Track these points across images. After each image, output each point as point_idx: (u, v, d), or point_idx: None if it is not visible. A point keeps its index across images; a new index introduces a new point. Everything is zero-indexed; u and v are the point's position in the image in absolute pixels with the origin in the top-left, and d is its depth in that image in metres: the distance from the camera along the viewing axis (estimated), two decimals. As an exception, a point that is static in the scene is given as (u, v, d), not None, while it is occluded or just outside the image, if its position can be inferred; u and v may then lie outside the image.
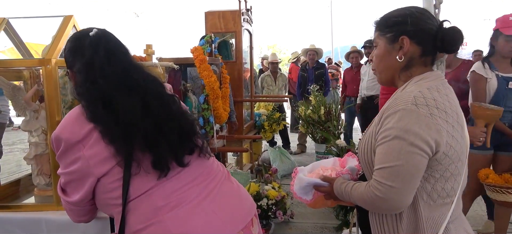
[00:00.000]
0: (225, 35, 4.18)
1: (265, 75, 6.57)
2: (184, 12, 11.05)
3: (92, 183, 1.12)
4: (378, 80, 1.29)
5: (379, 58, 1.23)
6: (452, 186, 1.15)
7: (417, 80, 1.16)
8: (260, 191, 3.25)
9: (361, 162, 1.24)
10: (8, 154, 6.85)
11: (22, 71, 1.86)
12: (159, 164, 1.11)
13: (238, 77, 4.22)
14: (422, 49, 1.17)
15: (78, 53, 1.19)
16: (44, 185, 1.72)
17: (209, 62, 3.06)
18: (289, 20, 31.62)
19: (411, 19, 1.17)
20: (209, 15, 4.17)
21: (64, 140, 1.13)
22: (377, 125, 1.15)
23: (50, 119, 1.54)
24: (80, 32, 1.28)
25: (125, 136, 1.09)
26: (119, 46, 1.24)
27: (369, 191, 1.11)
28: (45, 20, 2.08)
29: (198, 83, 3.23)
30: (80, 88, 1.16)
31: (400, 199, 1.07)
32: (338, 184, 1.25)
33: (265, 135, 5.15)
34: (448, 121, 1.10)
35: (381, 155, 1.10)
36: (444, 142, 1.08)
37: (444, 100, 1.12)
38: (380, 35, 1.23)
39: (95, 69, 1.14)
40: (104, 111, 1.12)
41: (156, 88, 1.20)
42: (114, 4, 10.24)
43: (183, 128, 1.17)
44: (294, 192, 1.36)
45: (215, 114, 3.05)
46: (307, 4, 11.40)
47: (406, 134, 1.05)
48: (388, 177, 1.07)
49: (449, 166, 1.12)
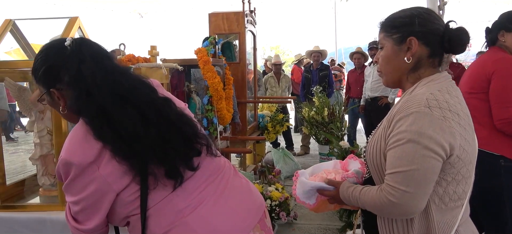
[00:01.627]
0: (229, 36, 4.19)
1: (268, 76, 6.57)
2: (188, 13, 11.07)
3: (110, 201, 1.06)
4: (384, 82, 1.26)
5: (386, 60, 1.20)
6: (463, 189, 1.13)
7: (426, 82, 1.14)
8: (264, 192, 3.25)
9: (369, 165, 1.21)
10: (13, 154, 6.90)
11: (28, 72, 1.88)
12: (173, 174, 1.08)
13: (241, 79, 4.23)
14: (430, 50, 1.14)
15: (60, 68, 1.08)
16: (49, 185, 1.73)
17: (212, 63, 3.07)
18: (292, 21, 31.63)
19: (419, 20, 1.14)
20: (212, 17, 4.18)
21: (75, 165, 1.03)
22: (387, 128, 1.12)
23: (55, 120, 1.55)
24: (51, 45, 1.15)
25: (134, 152, 1.05)
26: (103, 50, 1.15)
27: (382, 196, 1.08)
28: (51, 22, 2.10)
29: (201, 85, 3.24)
30: (76, 103, 1.07)
31: (414, 204, 1.05)
32: (344, 188, 1.22)
33: (268, 136, 5.15)
34: (460, 123, 1.08)
35: (394, 159, 1.07)
36: (458, 145, 1.06)
37: (456, 102, 1.10)
38: (386, 36, 1.20)
39: (86, 79, 1.05)
40: (108, 127, 1.05)
41: (147, 94, 1.14)
42: (118, 5, 10.25)
43: (185, 133, 1.15)
44: (297, 196, 1.33)
45: (219, 115, 3.06)
46: (311, 5, 11.41)
47: (421, 137, 1.03)
48: (402, 181, 1.04)
49: (461, 169, 1.10)
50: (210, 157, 1.20)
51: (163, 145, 1.07)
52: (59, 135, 1.58)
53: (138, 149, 1.04)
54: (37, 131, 1.68)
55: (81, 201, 1.06)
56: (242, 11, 4.12)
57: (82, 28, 1.66)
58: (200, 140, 1.17)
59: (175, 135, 1.11)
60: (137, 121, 1.06)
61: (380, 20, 1.24)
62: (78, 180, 1.04)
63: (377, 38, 1.27)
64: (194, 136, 1.16)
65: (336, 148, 4.06)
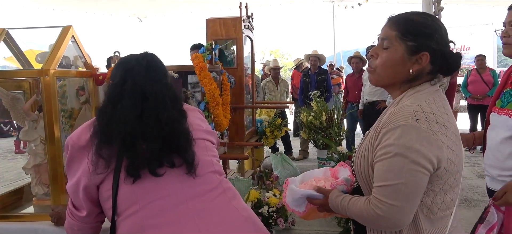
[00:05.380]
0: (227, 42, 4.19)
1: (267, 81, 6.57)
2: (188, 18, 11.09)
3: (95, 192, 1.16)
4: (374, 80, 1.19)
5: (390, 63, 1.12)
6: (451, 198, 1.13)
7: (413, 92, 1.12)
8: (261, 198, 3.24)
9: (357, 175, 1.21)
10: (11, 161, 6.88)
11: (21, 81, 1.87)
12: (131, 168, 1.11)
13: (239, 84, 4.22)
14: (433, 68, 1.11)
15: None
16: (43, 194, 1.72)
17: (209, 69, 3.07)
18: (291, 25, 31.69)
19: (438, 36, 1.10)
20: (210, 22, 4.18)
21: (70, 145, 1.17)
22: (374, 139, 1.11)
23: (48, 129, 1.55)
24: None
25: (111, 140, 1.12)
26: (159, 64, 1.29)
27: (369, 209, 1.08)
28: (45, 29, 2.10)
29: (198, 91, 3.23)
30: (108, 88, 1.27)
31: (402, 217, 1.05)
32: (333, 197, 1.21)
33: (267, 141, 5.14)
34: (447, 135, 1.07)
35: (381, 172, 1.06)
36: (445, 157, 1.05)
37: (442, 113, 1.09)
38: (399, 38, 1.11)
39: (132, 71, 1.20)
40: (104, 111, 1.17)
41: (168, 103, 1.20)
42: (117, 9, 10.28)
43: (169, 140, 1.15)
44: (287, 204, 1.33)
45: (216, 121, 3.05)
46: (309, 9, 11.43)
47: (408, 151, 1.01)
48: (390, 195, 1.04)
49: (448, 179, 1.10)
50: (189, 177, 1.18)
51: (136, 139, 1.12)
52: (52, 143, 1.57)
53: (110, 133, 1.12)
54: (31, 140, 1.67)
55: (75, 185, 1.17)
56: (239, 17, 4.12)
57: (75, 37, 1.65)
58: (182, 155, 1.16)
59: (156, 137, 1.13)
60: (132, 114, 1.14)
61: (393, 16, 1.17)
62: (74, 161, 1.18)
63: (375, 43, 1.25)
64: (177, 148, 1.16)
65: (335, 152, 4.05)
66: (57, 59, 1.56)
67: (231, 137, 4.04)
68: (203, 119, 1.40)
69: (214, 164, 1.27)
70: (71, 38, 1.63)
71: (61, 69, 1.35)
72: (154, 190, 1.13)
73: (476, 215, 3.67)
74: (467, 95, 6.44)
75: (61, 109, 1.85)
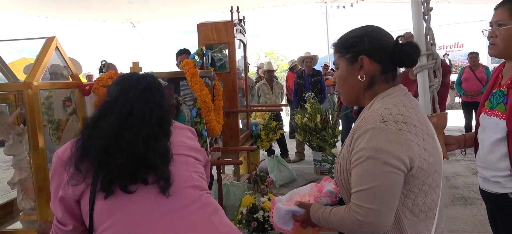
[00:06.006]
0: (219, 46, 4.17)
1: (261, 84, 6.56)
2: (181, 22, 11.10)
3: (76, 207, 1.15)
4: (343, 101, 1.29)
5: (342, 80, 1.23)
6: (432, 199, 1.14)
7: (382, 97, 1.16)
8: (256, 203, 3.21)
9: (338, 184, 1.22)
10: (6, 171, 6.82)
11: (7, 94, 1.84)
12: (103, 184, 1.10)
13: (232, 88, 4.20)
14: (382, 66, 1.18)
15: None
16: (30, 209, 1.69)
17: (201, 75, 3.04)
18: (286, 26, 31.75)
19: (368, 39, 1.18)
20: (201, 27, 4.16)
21: (55, 160, 1.18)
22: (349, 146, 1.14)
23: (32, 139, 1.52)
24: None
25: (84, 152, 1.12)
26: (159, 87, 1.32)
27: (350, 216, 1.09)
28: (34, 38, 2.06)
29: (190, 97, 3.21)
30: (101, 104, 1.27)
31: (381, 220, 1.06)
32: (314, 210, 1.21)
33: (262, 144, 5.11)
34: (418, 134, 1.09)
35: (356, 178, 1.08)
36: (417, 155, 1.08)
37: (411, 114, 1.12)
38: (340, 56, 1.23)
39: (129, 90, 1.23)
40: (87, 126, 1.18)
41: (153, 121, 1.20)
42: (111, 15, 10.27)
43: (144, 158, 1.13)
44: (274, 223, 1.31)
45: (208, 127, 3.02)
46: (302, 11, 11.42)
47: (378, 153, 1.04)
48: (367, 199, 1.05)
49: (426, 179, 1.11)
50: (161, 196, 1.14)
51: (109, 156, 1.12)
52: (37, 153, 1.54)
53: (88, 148, 1.12)
54: (16, 155, 1.63)
55: (61, 199, 1.15)
56: (231, 21, 4.10)
57: (59, 48, 1.62)
58: (157, 173, 1.14)
59: (131, 153, 1.13)
60: (112, 131, 1.14)
61: (334, 41, 1.27)
62: (56, 174, 1.17)
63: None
64: (151, 165, 1.14)
65: (329, 155, 4.04)
66: (41, 71, 1.53)
67: (225, 141, 4.01)
68: (191, 136, 1.37)
69: (194, 179, 1.24)
70: (55, 49, 1.60)
71: (45, 81, 1.32)
72: (126, 206, 1.11)
73: (472, 213, 3.69)
74: (461, 92, 6.45)
75: (48, 121, 1.82)
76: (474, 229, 3.23)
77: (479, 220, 3.40)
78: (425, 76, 2.23)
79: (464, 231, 3.33)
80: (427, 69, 2.21)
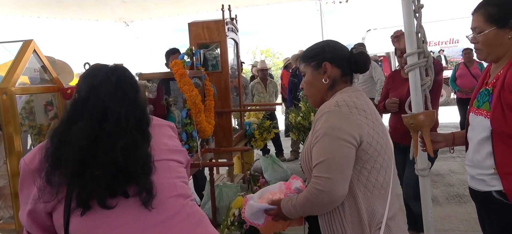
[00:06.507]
0: (210, 46, 4.11)
1: (255, 82, 6.51)
2: (175, 21, 11.03)
3: (47, 220, 1.07)
4: (311, 103, 1.50)
5: (309, 84, 1.46)
6: (384, 178, 1.33)
7: (340, 93, 1.39)
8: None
9: (303, 168, 1.38)
10: None
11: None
12: (80, 199, 1.01)
13: (224, 88, 4.15)
14: (342, 71, 1.42)
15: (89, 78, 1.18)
16: (9, 218, 1.64)
17: (191, 75, 2.99)
18: (281, 24, 31.73)
19: (328, 48, 1.43)
20: (192, 26, 4.10)
21: (22, 168, 1.09)
22: (312, 134, 1.33)
23: (8, 147, 1.46)
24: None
25: (55, 162, 1.02)
26: (131, 80, 1.21)
27: (311, 189, 1.26)
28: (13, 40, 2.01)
29: (180, 98, 3.16)
30: (70, 104, 1.18)
31: (337, 188, 1.23)
32: (284, 203, 1.39)
33: (256, 144, 5.07)
34: (367, 117, 1.31)
35: (315, 153, 1.28)
36: (366, 132, 1.28)
37: (362, 103, 1.34)
38: (306, 65, 1.46)
39: (99, 87, 1.12)
40: (57, 131, 1.08)
41: (131, 124, 1.10)
42: (103, 14, 10.18)
43: (124, 168, 1.05)
44: (246, 218, 1.47)
45: (199, 128, 2.97)
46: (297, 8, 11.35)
47: (332, 130, 1.26)
48: (323, 170, 1.24)
49: (377, 158, 1.31)
50: (144, 209, 1.07)
51: (85, 166, 1.02)
52: (13, 160, 1.49)
53: (60, 157, 1.03)
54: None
55: (23, 213, 1.08)
56: (222, 20, 4.04)
57: (37, 52, 1.56)
58: (138, 184, 1.06)
59: (109, 163, 1.03)
60: (86, 138, 1.04)
61: (300, 53, 1.49)
62: (24, 184, 1.09)
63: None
64: (132, 176, 1.06)
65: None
66: (16, 76, 1.48)
67: (218, 141, 3.96)
68: (172, 135, 1.29)
69: (177, 187, 1.17)
70: (33, 52, 1.54)
71: (22, 86, 1.27)
72: (106, 222, 1.03)
73: (468, 211, 3.67)
74: (456, 89, 6.43)
75: (30, 126, 1.77)
76: (468, 228, 3.21)
77: (474, 219, 3.37)
78: (417, 75, 2.19)
79: (459, 229, 3.31)
80: (419, 67, 2.17)
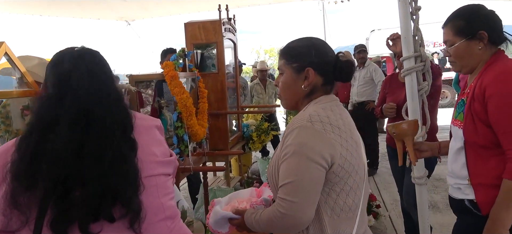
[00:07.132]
0: (206, 46, 4.03)
1: (254, 83, 6.43)
2: (176, 20, 11.00)
3: None
4: (283, 105, 1.37)
5: (286, 86, 1.29)
6: (353, 200, 1.21)
7: (315, 102, 1.25)
8: (242, 210, 3.09)
9: (270, 185, 1.27)
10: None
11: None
12: (55, 224, 0.85)
13: (221, 89, 4.07)
14: (324, 79, 1.26)
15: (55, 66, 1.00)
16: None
17: (183, 77, 2.92)
18: (285, 23, 31.70)
19: (315, 51, 1.25)
20: (188, 26, 4.02)
21: None
22: (280, 147, 1.20)
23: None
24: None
25: (28, 182, 0.85)
26: (104, 67, 1.03)
27: (275, 210, 1.14)
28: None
29: (172, 100, 3.08)
30: (38, 101, 0.98)
31: (302, 214, 1.11)
32: (248, 215, 1.27)
33: (254, 146, 4.98)
34: (341, 136, 1.17)
35: (282, 172, 1.15)
36: (338, 154, 1.15)
37: (338, 118, 1.21)
38: (286, 64, 1.28)
39: (70, 79, 0.94)
40: (29, 141, 0.89)
41: (116, 130, 0.95)
42: (105, 13, 10.17)
43: (111, 186, 0.90)
44: (210, 225, 1.35)
45: (190, 132, 2.89)
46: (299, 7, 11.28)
47: (303, 148, 1.12)
48: (289, 192, 1.11)
49: (347, 180, 1.18)
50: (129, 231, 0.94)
51: (71, 186, 0.87)
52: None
53: (40, 181, 0.86)
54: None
55: None
56: (219, 20, 3.95)
57: (10, 54, 1.49)
58: (125, 204, 0.92)
59: (94, 181, 0.88)
60: (69, 150, 0.88)
61: (281, 47, 1.32)
62: None
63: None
64: (120, 196, 0.92)
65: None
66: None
67: (214, 143, 3.89)
68: (159, 139, 1.12)
69: (165, 208, 1.03)
70: (4, 54, 1.47)
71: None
72: None
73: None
74: (459, 91, 6.30)
75: (6, 131, 1.69)
76: None
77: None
78: (414, 80, 2.10)
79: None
80: (416, 72, 2.08)
